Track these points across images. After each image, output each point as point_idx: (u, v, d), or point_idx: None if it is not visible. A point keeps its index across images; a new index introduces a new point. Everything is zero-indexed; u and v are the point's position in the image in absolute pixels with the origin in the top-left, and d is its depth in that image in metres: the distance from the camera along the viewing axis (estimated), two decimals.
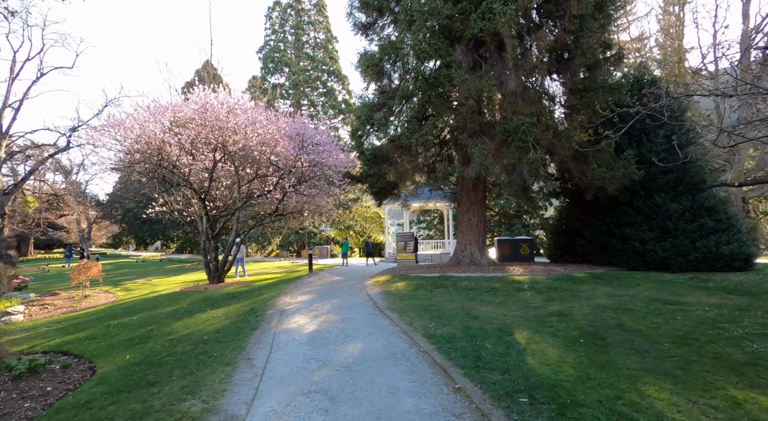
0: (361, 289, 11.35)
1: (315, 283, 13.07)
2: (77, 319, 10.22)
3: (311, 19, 38.61)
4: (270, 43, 37.95)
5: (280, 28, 38.10)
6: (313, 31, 38.68)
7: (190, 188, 12.70)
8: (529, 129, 11.53)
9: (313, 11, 38.88)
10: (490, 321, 7.03)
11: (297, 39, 37.77)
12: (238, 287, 13.05)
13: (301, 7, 38.38)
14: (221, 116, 11.31)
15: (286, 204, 15.71)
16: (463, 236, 15.09)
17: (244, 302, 10.13)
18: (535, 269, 13.35)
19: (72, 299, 12.94)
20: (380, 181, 14.17)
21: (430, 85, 12.32)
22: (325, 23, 39.06)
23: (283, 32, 38.09)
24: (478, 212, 14.87)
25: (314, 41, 38.45)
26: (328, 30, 39.04)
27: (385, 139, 13.92)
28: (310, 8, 38.90)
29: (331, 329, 6.98)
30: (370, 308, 8.71)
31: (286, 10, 38.25)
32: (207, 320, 8.57)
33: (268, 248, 39.86)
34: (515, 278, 11.47)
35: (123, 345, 7.13)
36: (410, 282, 11.71)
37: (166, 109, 11.16)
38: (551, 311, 7.55)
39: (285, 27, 38.17)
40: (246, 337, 6.71)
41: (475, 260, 14.62)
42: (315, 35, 38.70)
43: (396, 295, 9.93)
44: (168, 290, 13.85)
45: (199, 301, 11.05)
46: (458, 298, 9.29)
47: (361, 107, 14.48)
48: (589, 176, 12.40)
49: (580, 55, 12.04)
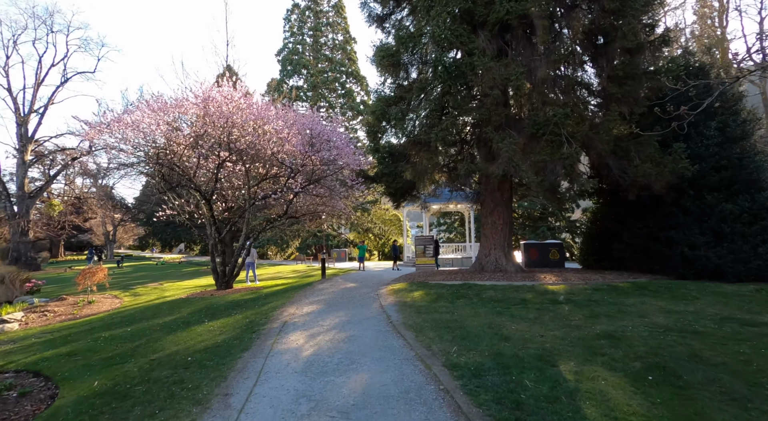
0: (374, 298, 10.16)
1: (326, 290, 11.96)
2: (71, 329, 9.41)
3: (329, 20, 37.86)
4: (288, 46, 37.37)
5: (298, 31, 37.48)
6: (332, 33, 37.90)
7: (194, 189, 11.84)
8: (562, 121, 10.14)
9: (331, 12, 38.12)
10: (526, 344, 5.72)
11: (315, 41, 37.07)
12: (245, 294, 12.07)
13: (319, 9, 37.68)
14: (224, 110, 10.38)
15: (298, 206, 14.70)
16: (487, 239, 13.71)
17: (246, 313, 9.10)
18: (568, 276, 11.87)
19: (75, 306, 12.25)
20: (397, 180, 12.96)
21: (451, 75, 11.07)
22: (343, 24, 38.23)
23: (301, 34, 37.46)
24: (503, 214, 13.47)
25: (332, 43, 37.66)
26: (346, 31, 38.19)
27: (402, 135, 12.72)
28: (329, 10, 38.16)
29: (334, 351, 5.81)
30: (383, 323, 7.51)
31: (304, 12, 37.61)
32: (201, 334, 7.56)
33: (288, 250, 39.21)
34: (548, 288, 10.06)
35: (100, 365, 6.16)
36: (429, 291, 10.45)
37: (168, 105, 10.31)
38: (599, 332, 6.17)
39: (303, 29, 37.53)
40: (233, 361, 5.61)
41: (500, 265, 13.22)
42: (333, 37, 37.91)
43: (413, 307, 8.70)
44: (174, 296, 13.03)
45: (201, 310, 10.10)
46: (484, 312, 7.98)
47: (376, 102, 13.33)
48: (632, 173, 10.88)
49: (620, 37, 10.57)
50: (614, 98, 10.92)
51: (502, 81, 10.65)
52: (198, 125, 10.63)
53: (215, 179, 11.88)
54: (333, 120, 12.82)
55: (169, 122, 10.16)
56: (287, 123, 11.59)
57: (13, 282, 16.03)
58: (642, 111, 11.02)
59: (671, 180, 10.68)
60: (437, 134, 11.26)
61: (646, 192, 11.17)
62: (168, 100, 10.34)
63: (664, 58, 11.59)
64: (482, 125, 11.77)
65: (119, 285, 17.91)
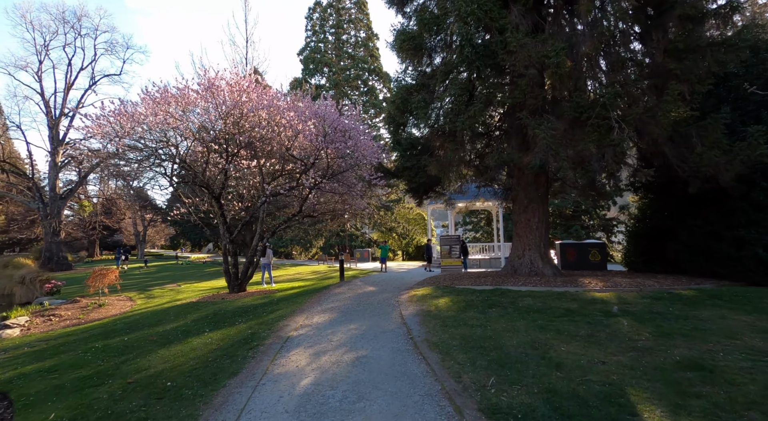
0: (394, 306, 8.92)
1: (342, 295, 10.81)
2: (68, 337, 8.65)
3: (352, 17, 36.86)
4: (311, 45, 36.63)
5: (320, 29, 36.69)
6: (354, 30, 36.90)
7: (202, 186, 10.96)
8: (611, 102, 8.62)
9: (353, 9, 37.12)
10: (585, 375, 4.36)
11: (337, 38, 36.17)
12: (257, 298, 11.09)
13: (341, 6, 36.75)
14: (227, 100, 9.41)
15: (315, 203, 13.63)
16: (520, 239, 12.22)
17: (251, 322, 8.05)
18: (616, 281, 10.25)
19: (85, 309, 11.62)
20: (419, 175, 11.66)
21: (480, 54, 9.72)
22: (365, 21, 37.17)
23: (323, 32, 36.65)
24: (538, 211, 11.95)
25: (354, 40, 36.66)
26: (368, 27, 37.11)
27: (425, 126, 11.42)
28: (351, 6, 37.16)
29: (339, 380, 4.61)
30: (402, 339, 6.26)
31: (326, 9, 36.78)
32: (195, 348, 6.54)
33: (312, 250, 38.51)
34: (595, 295, 8.53)
35: (71, 388, 5.22)
36: (456, 298, 9.12)
37: (170, 96, 9.41)
38: (679, 360, 4.71)
39: (325, 27, 36.71)
40: (215, 391, 4.51)
41: (535, 268, 11.72)
42: (355, 34, 36.90)
43: (438, 318, 7.41)
44: (186, 300, 12.22)
45: (206, 317, 9.16)
46: (523, 325, 6.61)
47: (397, 91, 12.10)
48: (693, 163, 9.20)
49: (680, 4, 8.93)
50: (672, 75, 9.24)
51: (539, 59, 9.20)
52: (206, 116, 9.73)
53: (225, 176, 10.97)
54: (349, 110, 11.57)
55: (171, 113, 9.28)
56: (299, 113, 10.52)
57: (33, 283, 15.79)
58: (707, 89, 9.32)
59: (741, 170, 8.95)
60: (464, 123, 9.91)
61: (710, 184, 9.45)
62: (172, 90, 9.47)
63: (734, 27, 9.77)
64: (515, 111, 10.33)
65: (138, 286, 17.44)
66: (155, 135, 9.64)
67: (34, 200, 26.51)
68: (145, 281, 19.30)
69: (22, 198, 27.56)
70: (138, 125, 9.24)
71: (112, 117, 9.03)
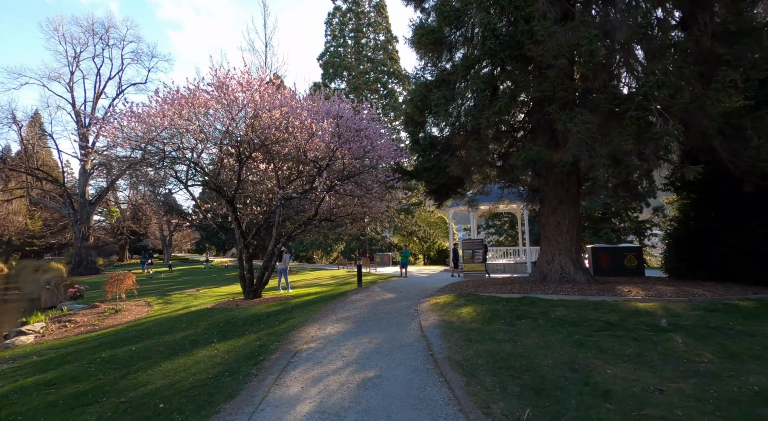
0: (413, 316, 8.24)
1: (359, 303, 10.21)
2: (79, 345, 8.39)
3: (371, 20, 36.57)
4: (330, 50, 36.51)
5: (339, 34, 36.54)
6: (373, 33, 36.57)
7: (213, 189, 10.64)
8: (652, 92, 7.71)
9: (372, 13, 36.82)
10: (641, 409, 3.59)
11: (356, 42, 35.90)
12: (271, 305, 10.62)
13: (360, 10, 36.52)
14: (239, 99, 9.01)
15: (333, 207, 13.13)
16: (550, 243, 11.32)
17: (261, 333, 7.54)
18: (659, 289, 9.23)
19: (101, 315, 11.45)
20: (440, 176, 10.95)
21: (504, 45, 8.99)
22: (384, 24, 36.80)
23: (342, 37, 36.48)
24: (569, 213, 11.05)
25: (374, 43, 36.34)
26: (388, 30, 36.71)
27: (446, 124, 10.73)
28: (370, 10, 36.88)
29: (347, 406, 3.99)
30: (421, 355, 5.59)
31: (345, 14, 36.62)
32: (199, 362, 6.07)
33: (333, 254, 38.18)
34: (638, 306, 7.62)
35: (63, 406, 4.82)
36: (481, 307, 8.37)
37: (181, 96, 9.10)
38: (757, 390, 3.87)
39: (345, 31, 36.54)
40: (208, 417, 3.97)
41: (567, 274, 10.80)
42: (375, 37, 36.56)
43: (461, 330, 6.69)
44: (202, 306, 11.89)
45: (217, 325, 8.74)
46: (557, 341, 5.83)
47: (415, 89, 11.46)
48: (748, 157, 8.17)
49: None
50: (722, 61, 8.26)
51: (570, 48, 8.42)
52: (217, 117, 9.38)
53: (238, 179, 10.59)
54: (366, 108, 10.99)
55: (182, 114, 8.96)
56: (313, 113, 10.04)
57: (58, 287, 15.91)
58: (764, 76, 8.28)
59: None
60: (488, 119, 9.19)
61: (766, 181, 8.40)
62: (183, 92, 9.15)
63: None
64: (543, 106, 9.52)
65: (159, 290, 17.37)
66: (164, 136, 9.36)
67: (65, 206, 27.20)
68: (166, 286, 19.28)
69: (54, 204, 28.36)
70: (148, 127, 8.96)
71: (124, 120, 8.77)
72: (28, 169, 26.92)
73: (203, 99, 9.18)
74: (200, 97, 9.15)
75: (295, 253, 38.87)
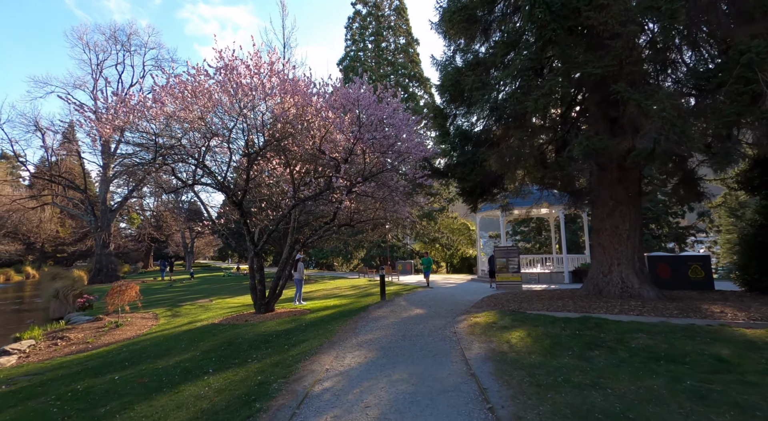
0: (452, 342, 6.60)
1: (383, 321, 8.63)
2: (59, 370, 7.10)
3: (391, 24, 35.44)
4: (350, 54, 35.49)
5: (359, 38, 35.51)
6: (393, 36, 35.40)
7: (219, 189, 9.36)
8: (759, 60, 5.94)
9: (393, 16, 35.70)
10: None
11: (377, 46, 34.76)
12: (283, 321, 9.18)
13: (380, 14, 35.45)
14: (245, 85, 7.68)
15: (353, 212, 11.66)
16: (605, 251, 9.52)
17: (265, 361, 6.06)
18: (762, 310, 7.29)
19: (100, 330, 10.24)
20: (475, 172, 9.33)
21: (556, 14, 7.38)
22: (405, 27, 35.63)
23: (362, 41, 35.42)
24: (629, 216, 9.24)
25: (394, 46, 35.14)
26: (408, 33, 35.50)
27: (482, 111, 9.14)
28: (390, 13, 35.78)
29: None
30: (474, 409, 3.96)
31: (366, 18, 35.62)
32: (181, 405, 4.63)
33: (353, 261, 36.73)
34: (745, 333, 5.78)
35: None
36: (534, 330, 6.68)
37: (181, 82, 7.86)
38: None
39: (365, 35, 35.50)
40: None
41: (629, 288, 8.97)
42: (395, 40, 35.39)
43: (520, 366, 5.03)
44: (209, 320, 10.55)
45: (220, 347, 7.33)
46: (662, 387, 4.12)
47: (445, 75, 9.92)
48: None
49: None
50: None
51: (641, 11, 6.74)
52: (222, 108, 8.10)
53: (247, 178, 9.28)
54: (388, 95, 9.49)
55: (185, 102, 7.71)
56: (328, 101, 8.66)
57: (66, 297, 14.95)
58: None
59: None
60: (536, 102, 7.55)
61: None
62: (186, 78, 7.92)
63: None
64: (602, 85, 7.83)
65: (172, 300, 16.24)
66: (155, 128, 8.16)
67: (86, 213, 26.77)
68: (181, 295, 18.17)
69: (76, 211, 28.03)
70: (141, 119, 7.75)
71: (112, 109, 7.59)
72: (51, 176, 26.68)
73: (206, 87, 7.90)
74: (203, 84, 7.89)
75: (315, 260, 37.66)
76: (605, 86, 7.73)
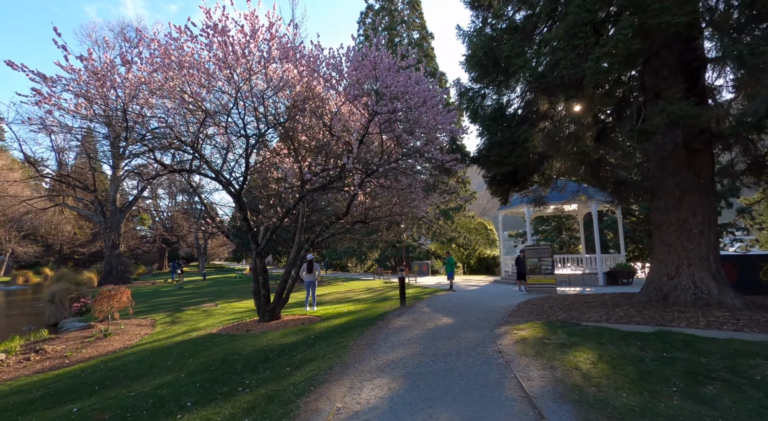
0: (498, 365, 5.04)
1: (406, 333, 7.12)
2: (16, 395, 5.79)
3: (404, 18, 34.00)
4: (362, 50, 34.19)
5: (372, 34, 34.15)
6: (407, 31, 33.95)
7: (211, 177, 8.01)
8: None
9: (406, 10, 34.27)
10: None
11: (390, 40, 33.33)
12: (288, 332, 7.74)
13: (393, 8, 34.05)
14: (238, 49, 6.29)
15: (368, 207, 10.22)
16: (670, 249, 7.83)
17: (258, 392, 4.61)
18: None
19: (85, 340, 8.98)
20: (515, 154, 7.73)
21: None
22: (419, 21, 34.15)
23: (375, 37, 34.07)
24: (701, 206, 7.55)
25: (407, 40, 33.66)
26: (422, 27, 34.01)
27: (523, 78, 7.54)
28: (404, 8, 34.35)
29: None
30: None
31: (378, 13, 34.27)
32: None
33: (367, 262, 35.26)
34: None
35: None
36: (604, 349, 5.10)
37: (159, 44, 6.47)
38: None
39: (378, 30, 34.15)
40: None
41: (704, 294, 7.27)
42: (408, 35, 33.91)
43: (613, 411, 3.47)
44: (207, 330, 9.20)
45: (210, 366, 5.94)
46: None
47: (475, 44, 8.37)
48: None
49: None
50: None
51: None
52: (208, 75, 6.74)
53: (246, 165, 7.91)
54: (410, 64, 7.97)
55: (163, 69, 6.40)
56: (341, 73, 7.24)
57: (62, 301, 13.85)
58: None
59: None
60: (596, 63, 5.96)
61: None
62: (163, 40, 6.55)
63: None
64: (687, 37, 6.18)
65: (175, 304, 15.04)
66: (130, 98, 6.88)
67: (96, 214, 25.97)
68: (186, 299, 16.99)
69: (86, 212, 27.30)
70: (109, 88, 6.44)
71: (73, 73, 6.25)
72: (60, 176, 25.99)
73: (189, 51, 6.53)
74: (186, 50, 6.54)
75: (328, 261, 36.35)
76: (684, 42, 6.09)
